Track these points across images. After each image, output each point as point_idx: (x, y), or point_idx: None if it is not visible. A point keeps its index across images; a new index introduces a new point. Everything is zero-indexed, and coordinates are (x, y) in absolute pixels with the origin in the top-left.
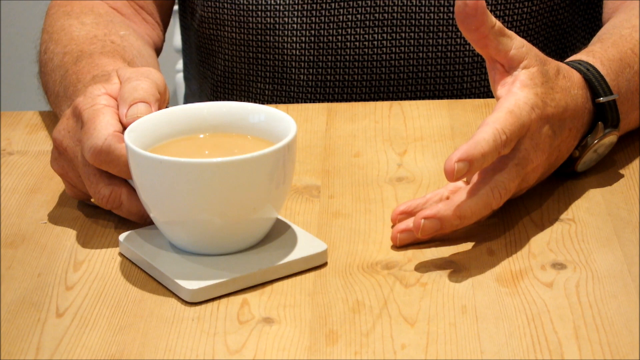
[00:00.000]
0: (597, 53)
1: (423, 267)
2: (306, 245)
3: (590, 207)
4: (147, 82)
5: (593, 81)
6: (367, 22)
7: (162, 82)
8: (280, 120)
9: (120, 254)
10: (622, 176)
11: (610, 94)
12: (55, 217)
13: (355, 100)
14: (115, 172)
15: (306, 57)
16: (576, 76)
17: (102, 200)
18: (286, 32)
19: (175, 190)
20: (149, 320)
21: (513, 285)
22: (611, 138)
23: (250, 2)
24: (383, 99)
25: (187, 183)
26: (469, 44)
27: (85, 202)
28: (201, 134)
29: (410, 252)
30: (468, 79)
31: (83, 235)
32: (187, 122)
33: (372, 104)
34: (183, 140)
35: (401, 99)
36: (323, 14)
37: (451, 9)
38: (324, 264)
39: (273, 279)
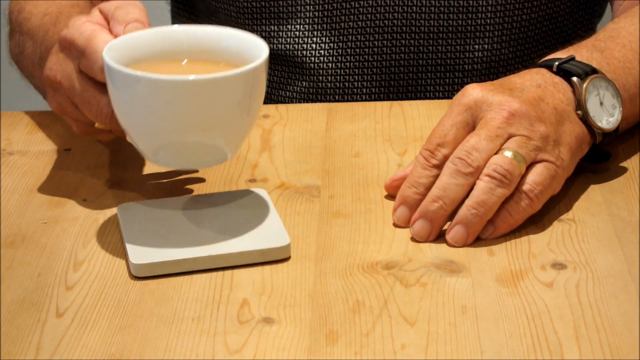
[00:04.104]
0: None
1: (423, 267)
2: (269, 237)
3: (590, 207)
4: (137, 9)
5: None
6: (368, 29)
7: (146, 12)
8: (252, 46)
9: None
10: (622, 176)
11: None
12: (55, 217)
13: None
14: None
15: (307, 64)
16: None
17: (105, 119)
18: (288, 39)
19: (141, 106)
20: (149, 320)
21: (513, 285)
22: (597, 82)
23: (255, 9)
24: None
25: (154, 98)
26: (469, 52)
27: (91, 136)
28: (179, 59)
29: (410, 252)
30: None
31: (83, 235)
32: (165, 44)
33: (372, 104)
34: (160, 63)
35: None
36: (325, 21)
37: (451, 16)
38: (287, 258)
39: (227, 266)
